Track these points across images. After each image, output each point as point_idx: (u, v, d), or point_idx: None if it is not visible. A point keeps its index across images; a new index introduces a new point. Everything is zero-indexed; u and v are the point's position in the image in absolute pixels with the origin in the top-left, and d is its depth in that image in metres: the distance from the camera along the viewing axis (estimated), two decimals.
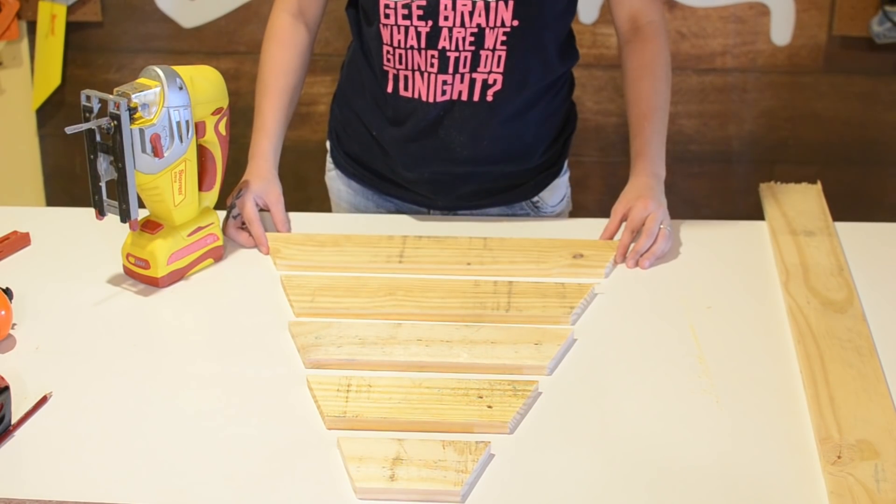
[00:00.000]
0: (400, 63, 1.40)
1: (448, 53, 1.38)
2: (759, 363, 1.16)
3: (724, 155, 2.43)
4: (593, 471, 0.99)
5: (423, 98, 1.41)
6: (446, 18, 1.36)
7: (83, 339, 1.20)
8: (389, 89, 1.43)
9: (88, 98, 1.21)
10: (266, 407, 1.08)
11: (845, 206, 2.46)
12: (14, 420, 1.05)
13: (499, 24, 1.35)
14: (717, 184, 2.45)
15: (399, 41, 1.38)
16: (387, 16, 1.37)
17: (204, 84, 1.28)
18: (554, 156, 1.55)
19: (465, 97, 1.41)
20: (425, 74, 1.40)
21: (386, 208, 1.58)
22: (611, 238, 1.40)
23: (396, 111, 1.45)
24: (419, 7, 1.35)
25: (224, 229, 1.40)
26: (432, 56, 1.38)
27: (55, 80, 2.44)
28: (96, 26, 2.42)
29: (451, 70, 1.39)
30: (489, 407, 1.06)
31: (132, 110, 1.20)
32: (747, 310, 1.26)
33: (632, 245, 1.37)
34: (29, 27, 2.44)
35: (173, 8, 2.40)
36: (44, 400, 1.08)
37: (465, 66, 1.39)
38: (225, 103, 1.32)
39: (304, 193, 2.49)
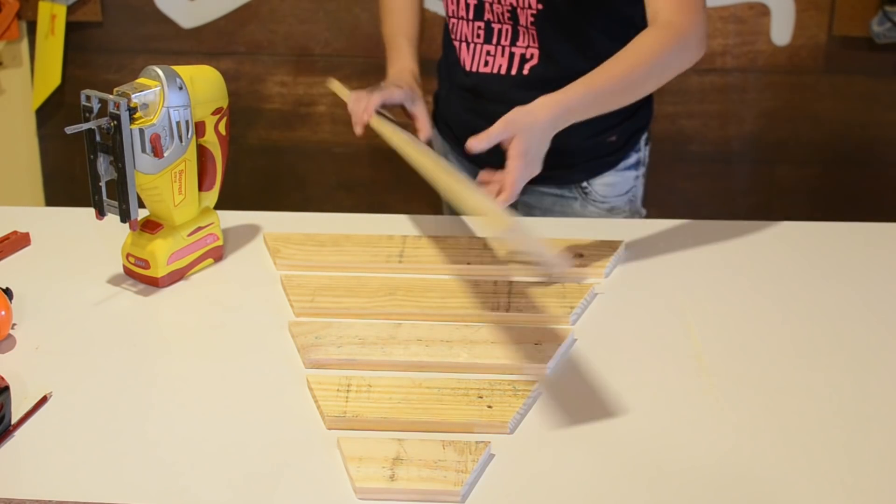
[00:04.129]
0: (453, 32, 1.53)
1: (493, 25, 1.47)
2: (759, 363, 1.16)
3: (724, 155, 2.42)
4: (593, 471, 0.99)
5: (467, 67, 1.52)
6: None
7: (83, 339, 1.20)
8: (443, 55, 1.60)
9: (88, 98, 1.21)
10: (266, 407, 1.08)
11: (845, 206, 2.47)
12: (14, 420, 1.05)
13: (526, 5, 1.42)
14: (717, 184, 2.45)
15: (452, 11, 1.51)
16: None
17: (204, 84, 1.28)
18: (606, 145, 1.54)
19: (503, 71, 1.49)
20: (471, 45, 1.51)
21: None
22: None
23: (450, 74, 1.58)
24: None
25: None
26: (479, 27, 1.48)
27: (55, 81, 2.44)
28: (96, 26, 2.43)
29: (493, 41, 1.48)
30: (489, 407, 1.06)
31: (132, 110, 1.20)
32: (747, 310, 1.26)
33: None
34: (29, 27, 2.44)
35: (173, 8, 2.40)
36: (44, 400, 1.08)
37: (506, 39, 1.47)
38: (225, 103, 1.32)
39: (304, 193, 2.49)
